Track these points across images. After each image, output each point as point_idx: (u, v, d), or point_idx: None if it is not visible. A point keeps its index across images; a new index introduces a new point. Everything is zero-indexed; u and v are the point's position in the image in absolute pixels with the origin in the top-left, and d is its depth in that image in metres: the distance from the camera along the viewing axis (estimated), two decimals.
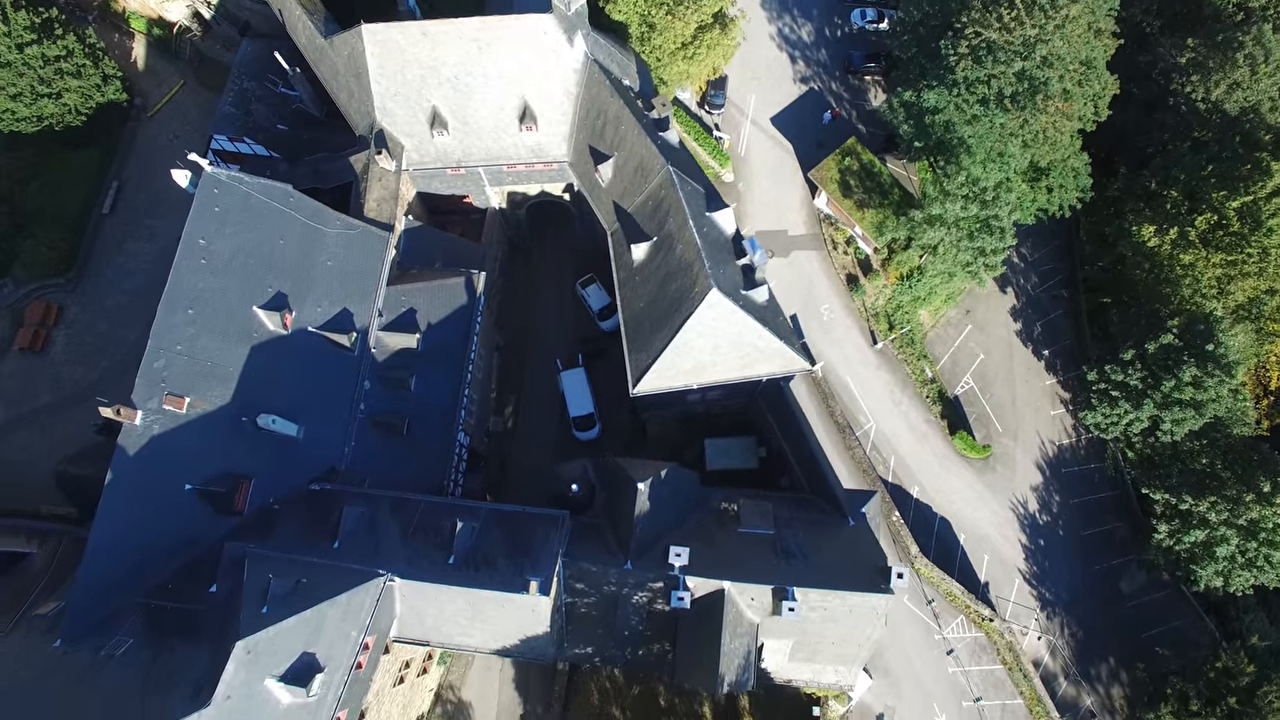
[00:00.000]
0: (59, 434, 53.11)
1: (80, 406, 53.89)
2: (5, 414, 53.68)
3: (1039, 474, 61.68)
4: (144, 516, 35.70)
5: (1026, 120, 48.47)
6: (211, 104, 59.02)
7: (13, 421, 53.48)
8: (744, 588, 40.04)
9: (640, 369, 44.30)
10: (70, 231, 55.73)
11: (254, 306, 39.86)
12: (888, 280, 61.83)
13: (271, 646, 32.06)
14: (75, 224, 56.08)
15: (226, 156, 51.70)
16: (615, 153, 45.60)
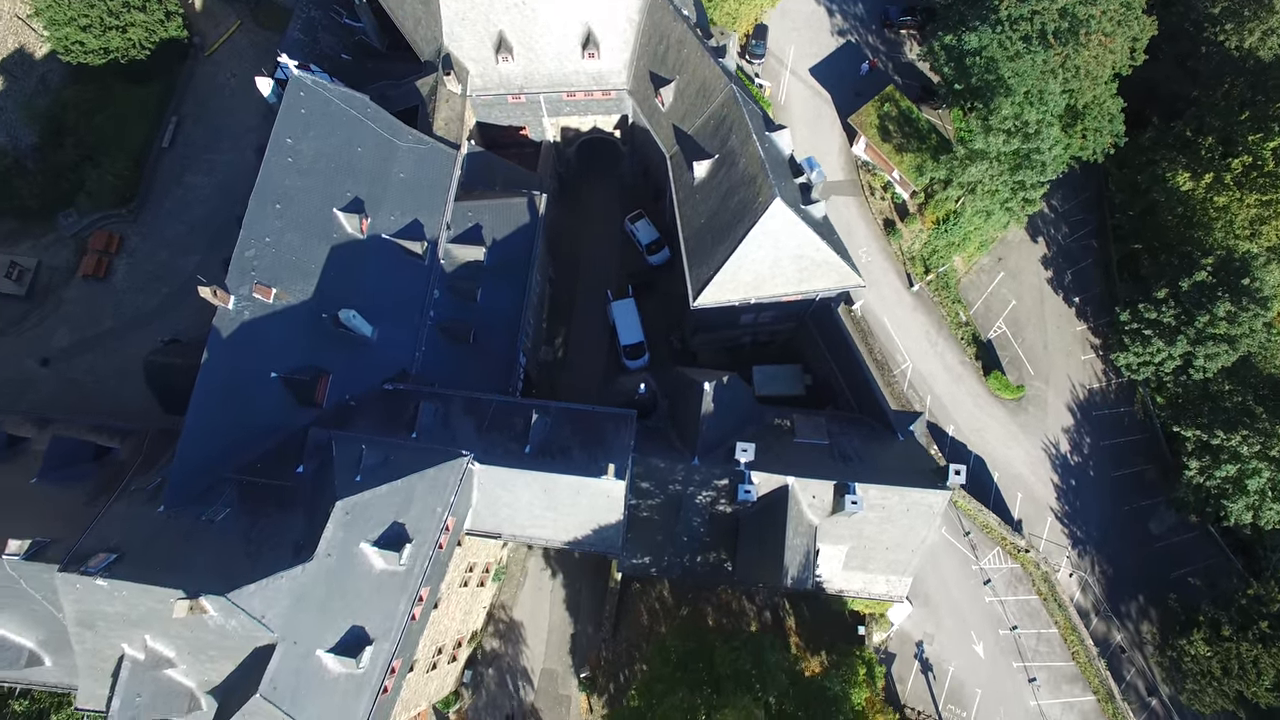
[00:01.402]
0: (122, 357, 54.24)
1: (142, 330, 55.15)
2: (70, 338, 54.75)
3: (1070, 416, 63.11)
4: (234, 399, 36.87)
5: (1069, 55, 50.16)
6: (268, 43, 60.72)
7: (78, 345, 54.55)
8: (806, 483, 41.38)
9: (701, 282, 45.73)
10: (132, 163, 56.97)
11: (334, 208, 41.18)
12: (924, 225, 63.43)
13: (366, 511, 33.26)
14: (137, 156, 57.33)
15: None
16: (677, 76, 47.14)
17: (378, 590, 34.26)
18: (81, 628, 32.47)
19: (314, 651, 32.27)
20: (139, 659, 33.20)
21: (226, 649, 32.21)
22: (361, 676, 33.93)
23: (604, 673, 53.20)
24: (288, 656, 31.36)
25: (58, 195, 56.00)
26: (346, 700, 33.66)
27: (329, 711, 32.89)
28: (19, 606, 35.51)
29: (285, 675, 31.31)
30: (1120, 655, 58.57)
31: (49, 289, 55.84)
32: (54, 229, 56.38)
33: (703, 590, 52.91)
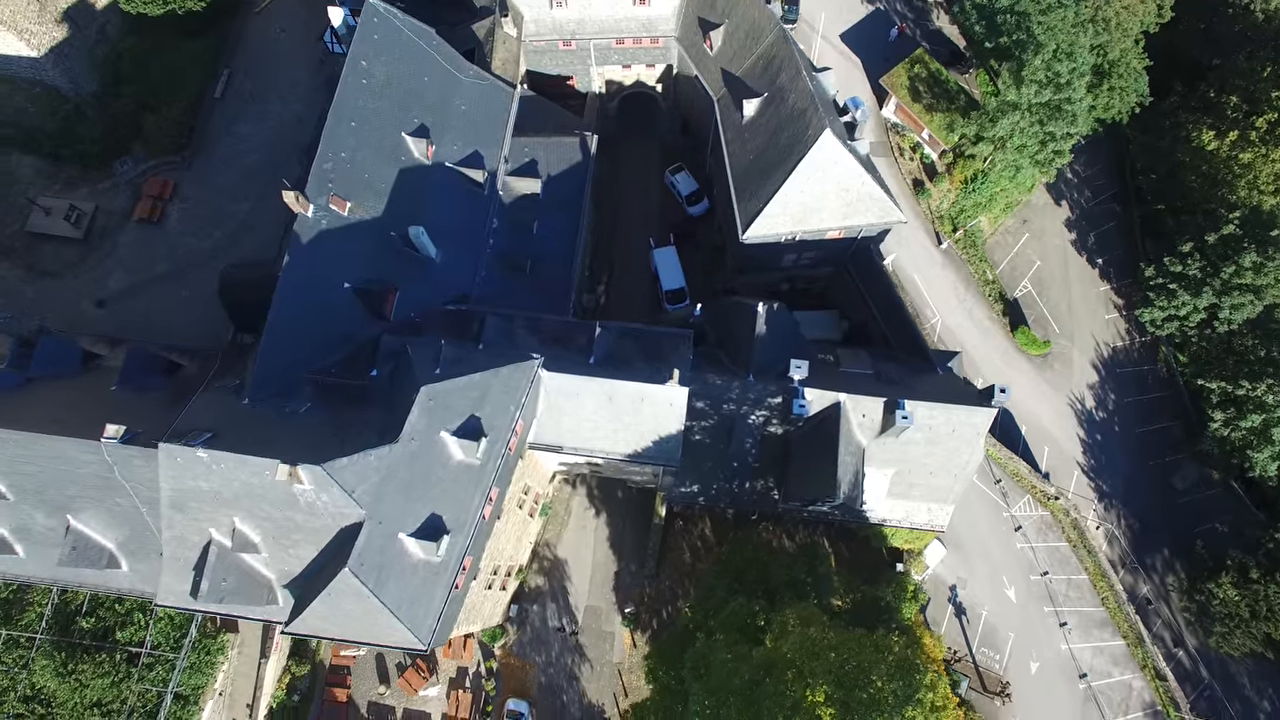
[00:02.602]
0: (176, 299, 55.49)
1: (195, 272, 56.38)
2: (127, 279, 55.93)
3: (1095, 373, 64.61)
4: (311, 303, 38.19)
5: (1100, 7, 52.07)
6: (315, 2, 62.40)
7: (134, 286, 55.71)
8: (857, 400, 42.73)
9: (751, 214, 47.34)
10: (186, 112, 58.45)
11: (402, 132, 42.71)
12: (952, 185, 65.13)
13: (447, 400, 34.52)
14: (190, 106, 58.80)
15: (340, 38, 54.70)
16: (726, 20, 48.98)
17: (455, 481, 35.42)
18: (173, 510, 33.50)
19: (397, 534, 33.35)
20: (225, 544, 34.22)
21: (312, 531, 33.28)
22: (438, 565, 35.00)
23: (647, 609, 54.16)
24: (373, 536, 32.45)
25: (115, 142, 57.45)
26: (424, 588, 34.70)
27: (407, 596, 33.92)
28: (104, 502, 36.51)
29: (371, 554, 32.38)
30: (1146, 607, 59.68)
31: (105, 233, 57.10)
32: (111, 175, 57.73)
33: (743, 529, 53.96)
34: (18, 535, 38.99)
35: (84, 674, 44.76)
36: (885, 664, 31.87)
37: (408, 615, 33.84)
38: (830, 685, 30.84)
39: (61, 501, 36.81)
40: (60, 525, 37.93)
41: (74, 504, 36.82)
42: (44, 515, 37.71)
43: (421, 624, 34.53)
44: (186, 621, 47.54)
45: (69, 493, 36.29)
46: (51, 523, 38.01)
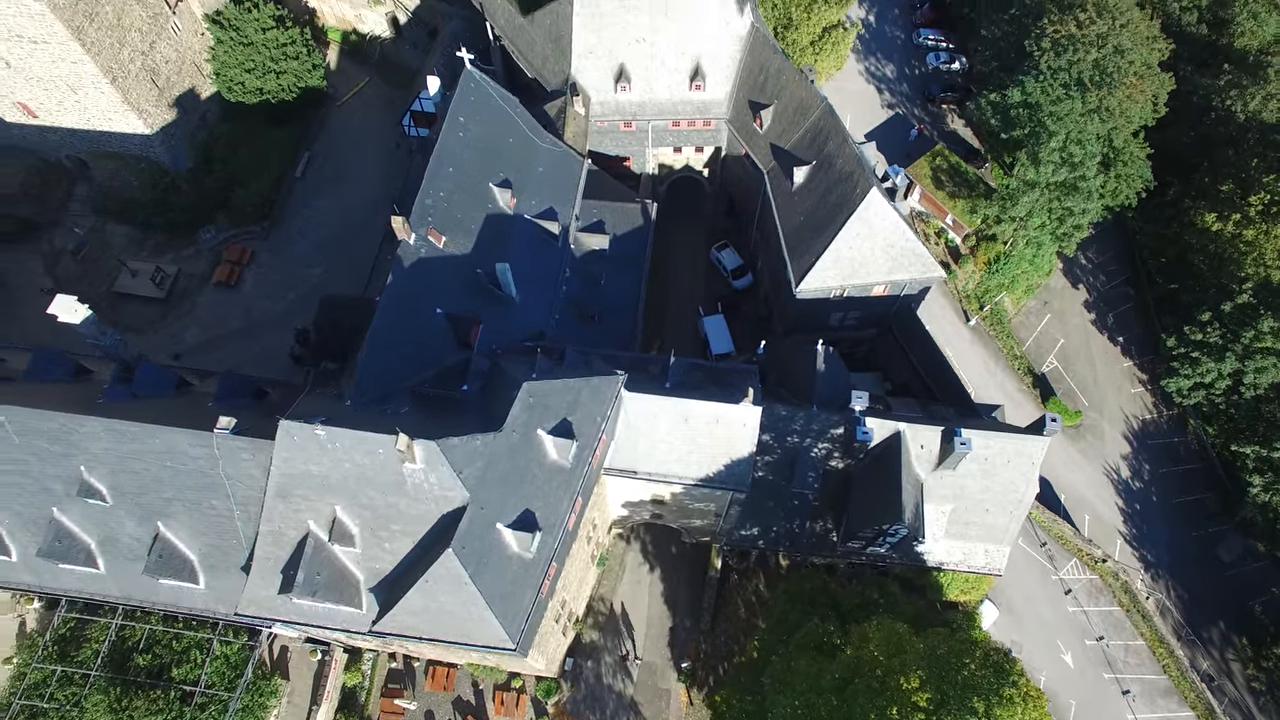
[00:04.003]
0: (246, 354, 58.03)
1: (267, 331, 59.32)
2: (202, 335, 58.74)
3: (1126, 444, 66.48)
4: (408, 322, 40.75)
5: (1104, 97, 58.15)
6: (392, 99, 69.04)
7: (208, 342, 58.42)
8: (916, 430, 44.53)
9: (804, 269, 50.91)
10: (269, 189, 63.34)
11: (490, 183, 46.86)
12: (976, 266, 69.51)
13: (545, 399, 36.42)
14: (273, 183, 63.79)
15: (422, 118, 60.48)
16: (775, 101, 54.53)
17: (548, 480, 36.68)
18: (277, 498, 34.56)
19: (495, 523, 34.31)
20: (322, 537, 35.02)
21: (412, 520, 34.23)
22: (529, 563, 35.64)
23: (703, 665, 53.19)
24: (475, 521, 33.42)
25: (203, 213, 61.90)
26: (515, 584, 35.20)
27: (500, 590, 34.41)
28: (199, 506, 37.40)
29: (472, 539, 33.23)
30: (1210, 684, 58.48)
31: (185, 293, 60.49)
32: (194, 242, 61.83)
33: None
34: (104, 547, 39.56)
35: (137, 711, 43.73)
36: (975, 655, 32.06)
37: (500, 610, 34.22)
38: (924, 670, 30.96)
39: (157, 506, 37.74)
40: (148, 534, 38.65)
41: (168, 508, 37.73)
42: (135, 523, 38.50)
43: (512, 622, 34.81)
44: (242, 662, 46.85)
45: (166, 495, 37.30)
46: (140, 531, 38.75)
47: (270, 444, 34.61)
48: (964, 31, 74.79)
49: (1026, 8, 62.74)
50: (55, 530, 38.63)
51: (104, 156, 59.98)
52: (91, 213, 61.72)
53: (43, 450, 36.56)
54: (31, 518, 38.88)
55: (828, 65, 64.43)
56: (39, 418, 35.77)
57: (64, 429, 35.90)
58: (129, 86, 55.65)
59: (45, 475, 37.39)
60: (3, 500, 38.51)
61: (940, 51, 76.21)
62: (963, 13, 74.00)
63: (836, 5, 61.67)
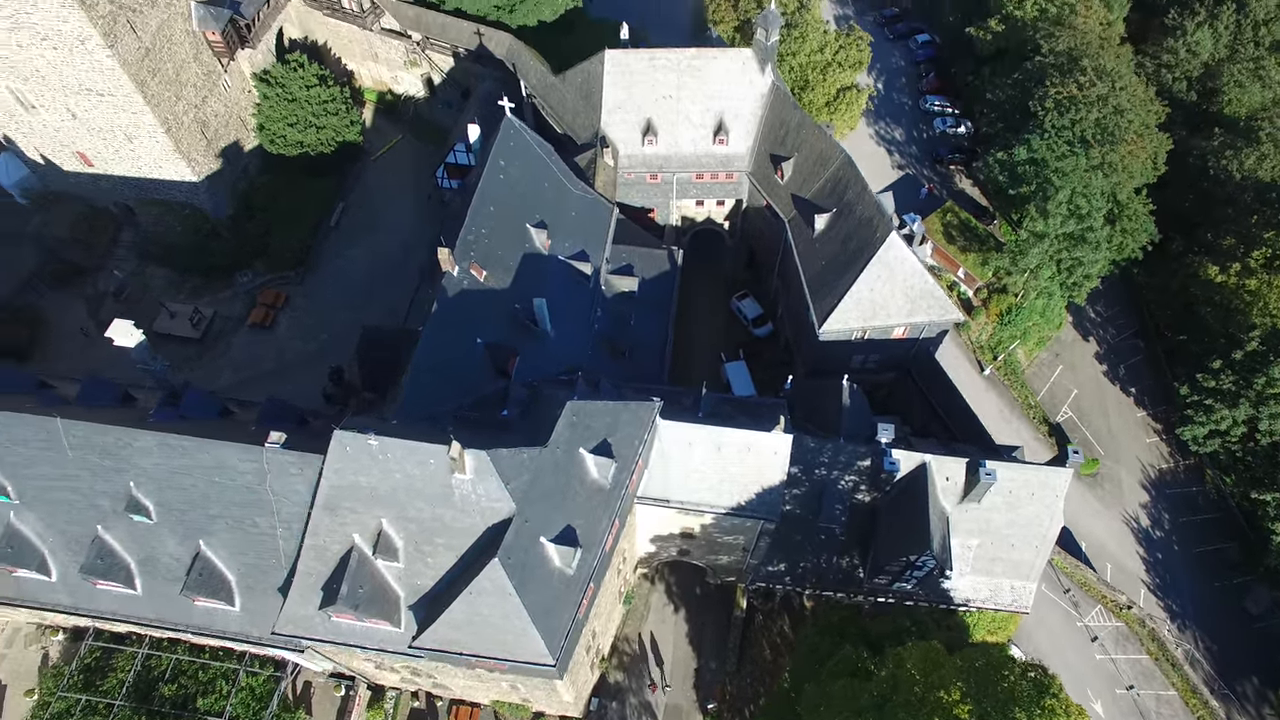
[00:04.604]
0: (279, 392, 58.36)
1: (299, 371, 60.64)
2: (236, 376, 60.07)
3: (1145, 493, 66.97)
4: (451, 348, 42.18)
5: (1106, 153, 61.04)
6: (424, 155, 72.20)
7: (242, 382, 59.64)
8: (942, 461, 45.39)
9: (826, 310, 52.68)
10: (305, 236, 65.74)
11: (527, 223, 49.00)
12: (988, 318, 71.35)
13: (588, 418, 37.48)
14: (309, 231, 66.24)
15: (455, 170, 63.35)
16: (795, 153, 57.30)
17: (589, 499, 37.39)
18: (324, 511, 35.21)
19: (539, 537, 34.90)
20: (366, 552, 35.54)
21: (457, 533, 34.82)
22: (569, 580, 36.04)
23: (729, 707, 52.53)
24: (521, 533, 34.05)
25: (240, 258, 64.08)
26: (556, 600, 35.55)
27: (542, 604, 34.75)
28: (242, 524, 37.87)
29: (517, 551, 33.80)
30: None
31: (220, 334, 62.13)
32: (231, 286, 63.84)
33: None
34: (143, 567, 39.92)
35: None
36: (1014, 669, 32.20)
37: (542, 625, 34.50)
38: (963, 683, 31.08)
39: (200, 524, 38.30)
40: (188, 553, 39.05)
41: (211, 526, 38.26)
42: (176, 541, 38.98)
43: (553, 638, 35.01)
44: (267, 695, 46.50)
45: (211, 511, 37.91)
46: (180, 551, 39.17)
47: (318, 459, 35.53)
48: (969, 98, 78.63)
49: (1029, 73, 66.37)
50: (98, 548, 39.08)
51: (150, 203, 62.53)
52: (134, 257, 63.95)
53: (95, 465, 37.40)
54: (76, 536, 39.38)
55: (841, 125, 67.71)
56: (96, 431, 36.79)
57: (118, 443, 36.85)
58: (181, 136, 58.56)
59: (94, 491, 38.11)
60: (51, 519, 39.10)
61: (946, 116, 79.94)
62: (967, 80, 77.94)
63: (850, 69, 65.35)
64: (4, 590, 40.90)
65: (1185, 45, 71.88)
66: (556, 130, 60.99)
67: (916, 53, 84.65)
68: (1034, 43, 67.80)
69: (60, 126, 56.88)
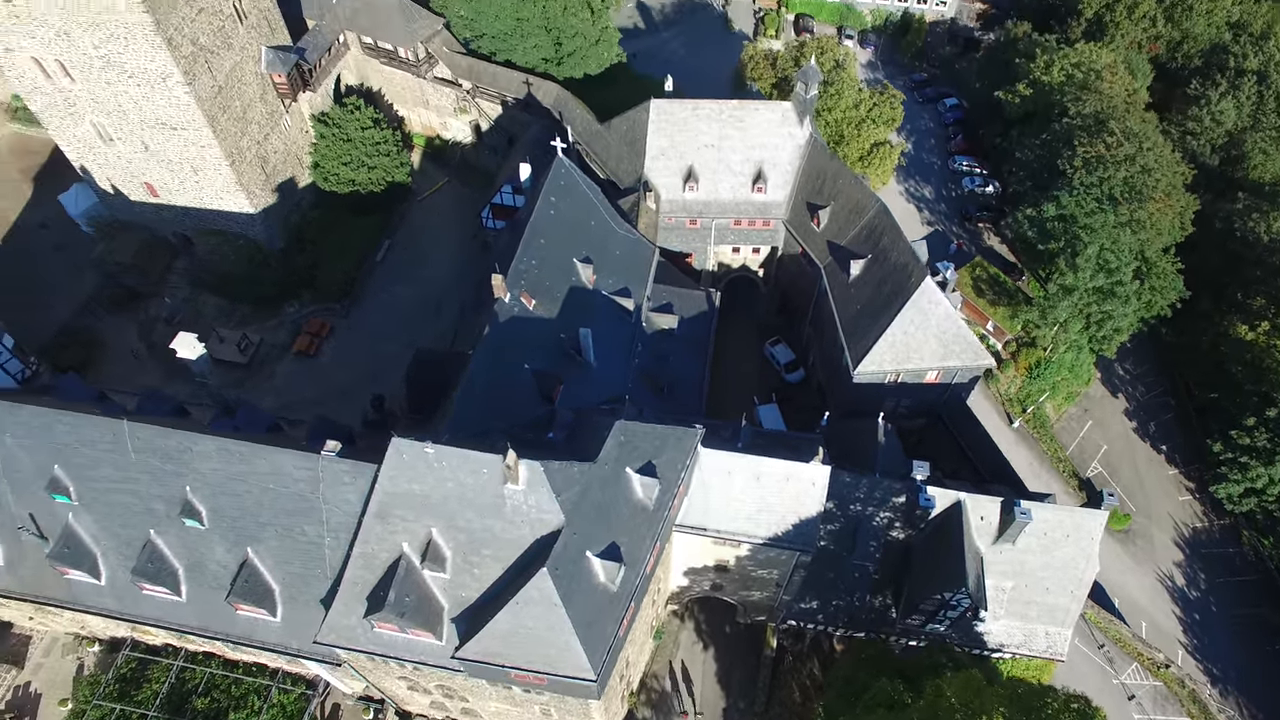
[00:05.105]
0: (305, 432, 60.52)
1: (339, 399, 61.94)
2: (279, 400, 61.58)
3: (1178, 551, 66.36)
4: (501, 370, 43.52)
5: (1135, 211, 62.55)
6: (468, 198, 74.93)
7: (284, 406, 60.99)
8: (977, 500, 45.72)
9: (861, 353, 53.75)
10: (351, 270, 68.05)
11: (574, 258, 50.81)
12: (1017, 372, 72.06)
13: (634, 439, 38.37)
14: (355, 266, 68.58)
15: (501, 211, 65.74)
16: (832, 202, 59.19)
17: (633, 518, 37.97)
18: (375, 519, 36.00)
19: (585, 551, 35.45)
20: (414, 561, 36.19)
21: (505, 544, 35.45)
22: (613, 596, 36.41)
23: None
24: (569, 545, 34.66)
25: (289, 289, 66.36)
26: (598, 616, 35.87)
27: (586, 618, 35.08)
28: (291, 532, 38.69)
29: (565, 563, 34.37)
30: None
31: (266, 361, 63.96)
32: (278, 315, 65.98)
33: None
34: (190, 573, 40.72)
35: None
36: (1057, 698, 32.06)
37: (585, 638, 34.80)
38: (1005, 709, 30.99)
39: (250, 531, 39.19)
40: (235, 561, 39.86)
41: (261, 534, 39.13)
42: (225, 548, 39.84)
43: (595, 653, 35.24)
44: (298, 713, 46.60)
45: (262, 519, 38.83)
46: (228, 558, 39.99)
47: (372, 468, 36.53)
48: (996, 159, 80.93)
49: (1057, 134, 68.58)
50: (149, 553, 39.99)
51: (208, 233, 65.18)
52: (188, 284, 66.38)
53: (155, 468, 38.59)
54: (128, 539, 40.33)
55: (875, 179, 69.85)
56: (160, 434, 38.10)
57: (180, 447, 38.09)
58: (243, 170, 61.45)
59: (151, 495, 39.20)
60: (106, 522, 40.15)
61: (975, 176, 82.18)
62: (995, 142, 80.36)
63: (884, 125, 67.81)
64: (56, 592, 41.74)
65: (1209, 114, 74.09)
66: (600, 175, 63.39)
67: (945, 115, 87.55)
68: (1061, 106, 70.23)
69: (133, 158, 59.91)
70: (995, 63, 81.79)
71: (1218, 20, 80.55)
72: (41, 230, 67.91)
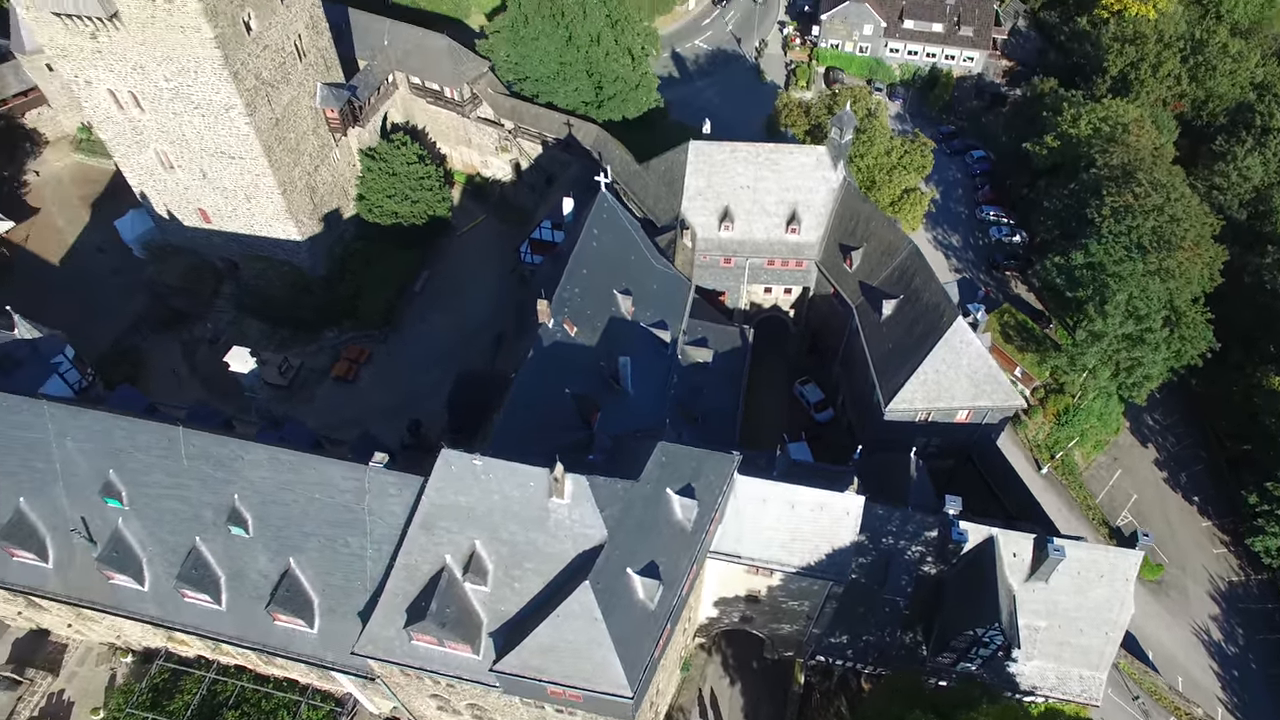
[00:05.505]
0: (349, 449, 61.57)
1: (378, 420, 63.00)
2: (317, 421, 62.43)
3: (1214, 605, 65.39)
4: (542, 391, 44.53)
5: (1164, 259, 63.31)
6: (506, 234, 76.95)
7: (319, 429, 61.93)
8: (1009, 535, 45.87)
9: (892, 391, 54.39)
10: (390, 299, 69.84)
11: (614, 289, 52.15)
12: (1045, 418, 72.16)
13: (675, 460, 39.00)
14: (394, 295, 70.39)
15: (539, 246, 67.49)
16: (864, 244, 60.47)
17: (673, 538, 38.38)
18: (420, 530, 36.65)
19: (626, 568, 35.87)
20: (455, 574, 36.72)
21: (546, 558, 35.96)
22: (651, 615, 36.68)
23: None
24: (610, 560, 35.12)
25: (329, 316, 68.13)
26: (636, 633, 36.09)
27: (624, 634, 35.33)
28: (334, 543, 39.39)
29: (606, 577, 34.79)
30: None
31: (305, 384, 65.46)
32: (318, 340, 67.67)
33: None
34: (231, 582, 41.42)
35: None
36: None
37: (623, 654, 35.01)
38: None
39: (294, 541, 39.94)
40: (276, 570, 40.53)
41: (304, 544, 39.87)
42: (268, 558, 40.57)
43: (632, 669, 35.40)
44: None
45: (306, 529, 39.60)
46: (270, 568, 40.68)
47: (418, 480, 37.40)
48: (1023, 210, 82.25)
49: (1085, 184, 69.89)
50: (194, 559, 40.78)
51: (255, 259, 67.32)
52: (232, 307, 68.36)
53: (206, 475, 39.61)
54: (174, 546, 41.18)
55: (904, 224, 71.14)
56: (213, 442, 39.22)
57: (232, 454, 39.15)
58: (293, 199, 63.77)
59: (200, 502, 40.15)
60: (155, 528, 41.08)
61: (1002, 225, 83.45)
62: (1022, 193, 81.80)
63: (914, 172, 69.44)
64: (101, 596, 42.48)
65: (1236, 170, 75.24)
66: (637, 214, 65.16)
67: (972, 167, 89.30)
68: (1089, 158, 71.69)
69: (190, 185, 62.42)
70: (1022, 116, 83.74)
71: (1241, 81, 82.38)
72: (98, 253, 70.42)
